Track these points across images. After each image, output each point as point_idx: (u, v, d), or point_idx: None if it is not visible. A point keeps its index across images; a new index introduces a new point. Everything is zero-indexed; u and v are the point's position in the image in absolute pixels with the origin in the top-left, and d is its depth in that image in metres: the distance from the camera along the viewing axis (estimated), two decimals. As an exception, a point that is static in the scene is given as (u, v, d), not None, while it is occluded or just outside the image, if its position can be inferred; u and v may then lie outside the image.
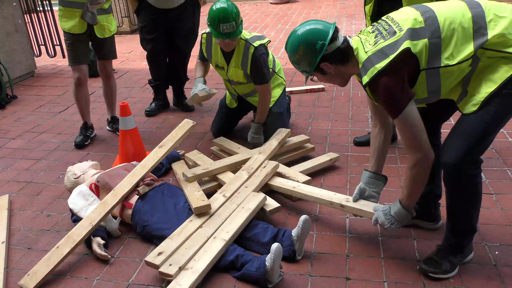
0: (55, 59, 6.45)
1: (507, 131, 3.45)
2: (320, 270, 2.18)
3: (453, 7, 1.83)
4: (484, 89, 1.78)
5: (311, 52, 1.93)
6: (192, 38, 4.16)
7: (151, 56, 4.17)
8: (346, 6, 9.33)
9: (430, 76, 1.83)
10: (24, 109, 4.66)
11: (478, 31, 1.75)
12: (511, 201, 2.61)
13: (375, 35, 1.89)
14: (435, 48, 1.78)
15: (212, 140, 3.42)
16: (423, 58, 1.79)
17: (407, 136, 1.86)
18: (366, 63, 1.86)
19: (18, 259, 2.40)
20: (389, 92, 1.81)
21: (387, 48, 1.81)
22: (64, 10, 3.42)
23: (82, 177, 2.81)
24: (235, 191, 2.59)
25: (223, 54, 3.26)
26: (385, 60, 1.80)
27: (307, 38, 1.93)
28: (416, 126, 1.84)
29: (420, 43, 1.78)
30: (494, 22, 1.75)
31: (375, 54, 1.83)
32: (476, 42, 1.75)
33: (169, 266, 2.08)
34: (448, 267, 2.06)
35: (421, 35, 1.79)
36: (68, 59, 3.58)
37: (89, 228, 2.33)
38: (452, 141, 1.87)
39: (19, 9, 5.59)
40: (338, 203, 2.37)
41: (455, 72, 1.81)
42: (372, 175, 2.29)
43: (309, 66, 1.98)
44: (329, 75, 2.02)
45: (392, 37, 1.82)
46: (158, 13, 3.88)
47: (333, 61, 1.95)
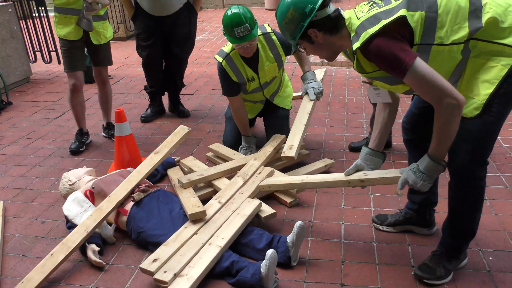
0: (50, 65, 6.45)
1: (500, 137, 3.47)
2: (315, 276, 2.18)
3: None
4: (483, 91, 1.75)
5: (300, 15, 1.87)
6: (189, 44, 4.15)
7: (147, 63, 4.17)
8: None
9: (421, 52, 1.75)
10: (19, 115, 4.66)
11: (474, 12, 1.71)
12: (505, 207, 2.62)
13: (370, 4, 1.85)
14: (431, 23, 1.72)
15: (208, 146, 3.42)
16: (417, 31, 1.73)
17: (426, 89, 1.71)
18: (359, 29, 1.78)
19: (12, 266, 2.39)
20: (388, 52, 1.70)
21: (381, 14, 1.75)
22: (60, 17, 3.43)
23: (77, 184, 2.81)
24: (230, 197, 2.59)
25: (249, 65, 3.18)
26: (378, 24, 1.72)
27: (297, 0, 1.88)
28: (431, 74, 1.69)
29: (416, 14, 1.71)
30: (489, 6, 1.72)
31: (368, 19, 1.77)
32: (471, 23, 1.70)
33: (164, 273, 2.08)
34: (443, 273, 2.06)
35: (418, 6, 1.73)
36: (64, 65, 3.58)
37: (84, 235, 2.33)
38: (459, 145, 1.84)
39: (15, 15, 5.59)
40: (356, 179, 2.17)
41: (445, 54, 1.75)
42: (370, 152, 2.20)
43: (297, 30, 1.91)
44: (317, 44, 1.94)
45: (387, 5, 1.77)
46: (154, 20, 3.88)
47: (322, 29, 1.89)
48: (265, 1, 10.58)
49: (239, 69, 3.18)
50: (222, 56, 3.17)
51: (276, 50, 3.18)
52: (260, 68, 3.19)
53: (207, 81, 5.39)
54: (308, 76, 3.25)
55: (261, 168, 2.85)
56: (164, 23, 3.89)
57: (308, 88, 3.21)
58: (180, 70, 4.25)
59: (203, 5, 11.17)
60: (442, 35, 1.73)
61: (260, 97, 3.42)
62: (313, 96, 3.17)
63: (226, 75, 3.18)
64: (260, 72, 3.21)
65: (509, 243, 2.32)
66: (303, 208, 2.73)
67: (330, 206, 2.74)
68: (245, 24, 2.92)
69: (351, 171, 2.21)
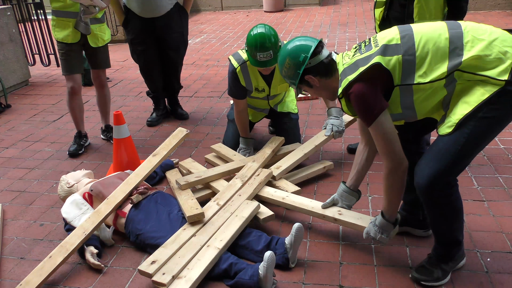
0: (49, 68, 6.45)
1: (498, 138, 3.48)
2: (313, 278, 2.18)
3: (432, 27, 1.86)
4: (459, 111, 1.79)
5: (295, 64, 2.05)
6: (182, 47, 4.12)
7: (145, 68, 4.14)
8: (339, 14, 9.41)
9: (404, 92, 1.87)
10: (18, 118, 4.66)
11: (454, 51, 1.77)
12: (503, 208, 2.63)
13: (355, 50, 1.99)
14: (409, 65, 1.82)
15: (210, 146, 3.42)
16: (396, 73, 1.84)
17: (381, 144, 1.91)
18: (342, 75, 1.96)
19: (11, 269, 2.39)
20: (361, 99, 1.86)
21: (360, 61, 1.90)
22: (57, 20, 3.44)
23: (75, 186, 2.81)
24: (229, 199, 2.59)
25: (263, 77, 3.17)
26: (356, 71, 1.88)
27: (292, 51, 2.06)
28: (389, 135, 1.88)
29: (393, 59, 1.83)
30: (471, 44, 1.76)
31: (349, 66, 1.93)
32: (451, 62, 1.77)
33: (162, 275, 2.08)
34: (440, 275, 2.07)
35: (394, 51, 1.84)
36: (62, 68, 3.59)
37: (82, 237, 2.33)
38: (425, 162, 1.89)
39: (13, 18, 5.60)
40: (331, 216, 2.36)
41: (427, 91, 1.83)
42: (347, 190, 2.37)
43: (294, 78, 2.08)
44: (315, 87, 2.10)
45: (368, 51, 1.90)
46: (145, 23, 3.84)
47: (317, 74, 2.04)
48: (263, 4, 10.59)
49: (251, 78, 3.17)
50: (238, 62, 3.12)
51: None
52: (273, 85, 3.21)
53: (206, 84, 5.39)
54: (332, 112, 3.19)
55: (260, 170, 2.86)
56: (155, 26, 3.85)
57: (328, 123, 3.17)
58: (175, 72, 4.23)
59: (201, 8, 11.19)
60: (421, 75, 1.81)
61: (265, 105, 3.44)
62: (329, 132, 3.11)
63: (236, 79, 3.17)
64: (272, 89, 3.24)
65: (506, 244, 2.32)
66: (301, 210, 2.74)
67: (328, 207, 2.74)
68: (269, 50, 2.88)
69: (327, 204, 2.41)
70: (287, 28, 8.40)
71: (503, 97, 1.73)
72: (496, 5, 8.73)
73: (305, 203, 2.51)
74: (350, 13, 9.47)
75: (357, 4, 10.52)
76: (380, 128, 1.87)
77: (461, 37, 1.79)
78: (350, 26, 8.11)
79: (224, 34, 8.29)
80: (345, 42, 6.94)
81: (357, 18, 8.82)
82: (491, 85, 1.74)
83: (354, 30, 7.71)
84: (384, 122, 1.87)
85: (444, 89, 1.82)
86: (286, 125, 3.43)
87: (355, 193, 2.37)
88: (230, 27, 8.94)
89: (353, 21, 8.56)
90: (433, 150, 1.88)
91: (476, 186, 2.86)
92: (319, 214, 2.42)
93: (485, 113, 1.76)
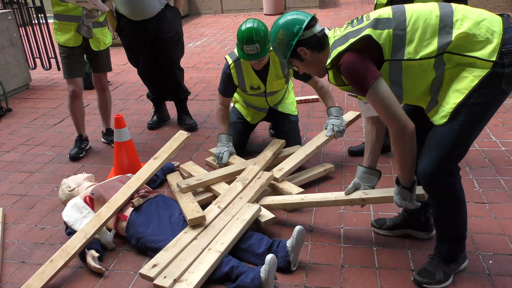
0: (50, 71, 6.46)
1: (499, 140, 3.48)
2: (315, 281, 2.18)
3: (424, 6, 1.88)
4: (452, 100, 1.81)
5: (289, 35, 2.05)
6: (179, 46, 4.01)
7: (143, 72, 4.08)
8: (339, 17, 9.42)
9: (393, 68, 1.87)
10: (19, 122, 4.66)
11: (444, 29, 1.78)
12: (504, 210, 2.63)
13: (347, 25, 2.00)
14: (399, 39, 1.83)
15: (209, 150, 3.42)
16: (386, 48, 1.84)
17: (381, 111, 1.89)
18: (332, 47, 1.96)
19: (12, 273, 2.39)
20: (353, 69, 1.86)
21: (350, 33, 1.90)
22: (59, 24, 3.44)
23: (76, 190, 2.81)
24: (230, 202, 2.59)
25: (257, 74, 3.19)
26: (347, 43, 1.88)
27: (287, 22, 2.07)
28: (388, 99, 1.85)
29: (384, 32, 1.83)
30: (461, 22, 1.78)
31: (340, 38, 1.93)
32: (440, 39, 1.78)
33: (164, 278, 2.08)
34: (442, 277, 2.06)
35: (386, 25, 1.84)
36: (63, 72, 3.60)
37: (84, 241, 2.33)
38: (425, 153, 1.91)
39: (14, 22, 5.61)
40: (358, 198, 2.31)
41: (417, 69, 1.84)
42: (366, 170, 2.33)
43: (287, 49, 2.07)
44: (307, 62, 2.10)
45: (359, 24, 1.92)
46: (138, 26, 3.77)
47: (310, 47, 2.04)
48: (263, 7, 10.61)
49: (244, 76, 3.19)
50: (232, 58, 3.19)
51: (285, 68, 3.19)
52: (269, 81, 3.22)
53: (206, 87, 5.40)
54: (332, 112, 3.20)
55: (261, 173, 2.86)
56: (148, 28, 3.77)
57: (328, 123, 3.17)
58: (175, 75, 4.06)
59: (201, 11, 11.21)
60: (411, 51, 1.82)
61: (263, 104, 3.43)
62: (330, 132, 3.11)
63: (229, 77, 3.21)
64: (268, 85, 3.24)
65: (508, 247, 2.32)
66: (302, 212, 2.73)
67: (330, 210, 2.73)
68: (255, 44, 2.91)
69: (350, 190, 2.36)
70: (288, 31, 8.40)
71: (492, 80, 1.74)
72: (496, 7, 8.75)
73: (327, 196, 2.48)
74: (350, 15, 9.48)
75: (357, 7, 10.54)
76: (377, 94, 1.85)
77: (452, 15, 1.81)
78: (350, 28, 8.11)
79: (225, 37, 8.30)
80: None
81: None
82: (479, 69, 1.75)
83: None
84: (381, 87, 1.85)
85: (433, 71, 1.83)
86: (286, 128, 3.43)
87: (375, 171, 2.33)
88: (231, 30, 8.96)
89: (353, 23, 8.57)
90: (431, 141, 1.90)
91: (477, 188, 2.86)
92: (346, 200, 2.37)
93: (475, 99, 1.77)
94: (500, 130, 3.65)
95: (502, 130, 3.66)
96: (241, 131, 3.51)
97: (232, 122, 3.47)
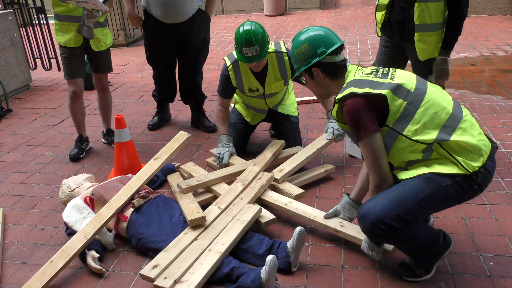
0: (50, 72, 6.47)
1: (500, 141, 3.48)
2: (315, 282, 2.17)
3: (441, 98, 1.96)
4: (425, 169, 1.90)
5: (311, 52, 2.06)
6: (204, 52, 3.95)
7: (159, 74, 4.01)
8: (340, 18, 9.43)
9: (389, 135, 1.93)
10: (19, 122, 4.66)
11: (446, 128, 1.88)
12: (505, 211, 2.62)
13: (372, 72, 2.01)
14: (407, 115, 1.89)
15: (209, 151, 3.42)
16: (393, 115, 1.89)
17: (369, 160, 1.96)
18: (348, 84, 1.98)
19: (12, 274, 2.39)
20: (356, 114, 1.90)
21: (371, 82, 1.93)
22: (60, 24, 3.44)
23: (77, 190, 2.80)
24: (230, 203, 2.59)
25: (256, 76, 3.19)
26: (363, 89, 1.91)
27: (315, 39, 2.05)
28: (379, 152, 1.93)
29: (399, 101, 1.89)
30: (462, 132, 1.89)
31: (360, 80, 1.96)
32: (440, 134, 1.87)
33: (164, 279, 2.07)
34: (423, 272, 2.12)
35: (404, 95, 1.90)
36: (64, 73, 3.59)
37: (84, 242, 2.32)
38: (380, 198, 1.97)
39: (15, 22, 5.61)
40: (333, 228, 2.37)
41: (408, 147, 1.91)
42: (350, 202, 2.38)
43: (304, 63, 2.09)
44: (316, 82, 2.13)
45: (381, 79, 1.94)
46: (167, 29, 3.70)
47: (325, 71, 2.07)
48: (264, 8, 10.62)
49: (242, 78, 3.19)
50: (231, 60, 3.18)
51: (284, 70, 3.19)
52: (267, 83, 3.22)
53: (207, 87, 5.40)
54: (331, 115, 3.19)
55: (261, 173, 2.85)
56: (177, 32, 3.71)
57: (328, 127, 3.17)
58: (196, 80, 4.01)
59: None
60: (412, 130, 1.88)
61: (262, 105, 3.43)
62: (330, 136, 3.13)
63: (228, 78, 3.21)
64: (267, 87, 3.24)
65: (509, 248, 2.31)
66: (303, 213, 2.73)
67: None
68: (255, 46, 2.90)
69: (330, 215, 2.42)
70: (288, 32, 8.42)
71: (465, 182, 1.87)
72: (496, 9, 8.74)
73: (307, 212, 2.51)
74: (351, 16, 9.49)
75: (357, 8, 10.55)
76: (371, 145, 1.92)
77: (459, 121, 1.91)
78: (351, 29, 8.12)
79: (225, 38, 8.31)
80: (346, 45, 6.94)
81: (357, 22, 8.83)
82: (459, 168, 1.87)
83: (355, 34, 7.72)
84: (376, 141, 1.92)
85: (420, 154, 1.91)
86: (286, 129, 3.43)
87: (357, 205, 2.35)
88: (231, 31, 8.96)
89: (353, 24, 8.57)
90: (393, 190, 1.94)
91: (478, 189, 2.85)
92: (321, 224, 2.42)
93: (447, 185, 1.86)
94: (501, 132, 3.65)
95: (502, 131, 3.66)
96: (242, 131, 3.51)
97: (233, 123, 3.47)
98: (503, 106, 4.15)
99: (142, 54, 6.95)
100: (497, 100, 4.32)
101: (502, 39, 6.81)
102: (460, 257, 2.27)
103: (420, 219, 1.94)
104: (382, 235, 1.91)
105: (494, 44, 6.53)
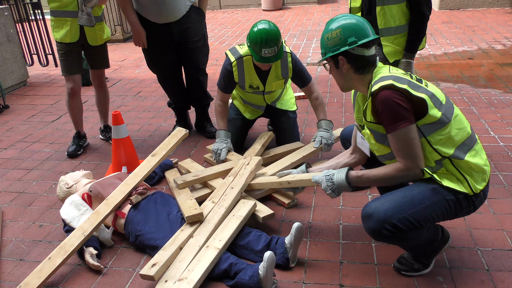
0: (47, 68, 6.44)
1: (498, 135, 3.48)
2: (314, 277, 2.17)
3: (464, 117, 2.00)
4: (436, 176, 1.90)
5: (342, 40, 1.95)
6: (204, 50, 3.73)
7: (163, 79, 3.81)
8: (338, 12, 9.39)
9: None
10: (16, 119, 4.65)
11: (463, 147, 1.90)
12: (503, 205, 2.63)
13: (405, 73, 1.95)
14: (440, 123, 1.86)
15: (206, 147, 3.41)
16: (427, 119, 1.85)
17: (404, 149, 1.87)
18: (386, 77, 1.87)
19: (10, 271, 2.38)
20: (393, 104, 1.82)
21: (409, 82, 1.87)
22: (56, 20, 3.42)
23: (74, 187, 2.80)
24: (222, 194, 2.58)
25: (258, 74, 3.16)
26: (403, 85, 1.83)
27: (348, 27, 1.95)
28: (416, 141, 1.86)
29: (436, 110, 1.86)
30: (474, 153, 1.92)
31: (399, 77, 1.88)
32: (457, 151, 1.88)
33: (165, 282, 2.07)
34: (421, 266, 2.13)
35: (438, 106, 1.87)
36: (61, 69, 3.57)
37: (82, 238, 2.32)
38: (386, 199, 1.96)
39: (11, 18, 5.58)
40: (285, 181, 2.45)
41: (425, 151, 1.89)
42: (305, 170, 2.42)
43: (332, 50, 1.99)
44: (340, 71, 2.03)
45: (418, 82, 1.90)
46: (162, 30, 3.47)
47: (351, 62, 1.97)
48: (262, 2, 10.58)
49: (245, 75, 3.18)
50: (235, 56, 3.14)
51: (286, 70, 3.17)
52: (268, 82, 3.21)
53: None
54: (322, 125, 3.16)
55: (249, 158, 2.86)
56: (173, 31, 3.49)
57: (317, 136, 3.13)
58: (200, 82, 3.78)
59: (200, 7, 11.16)
60: (436, 138, 1.87)
61: (261, 102, 3.42)
62: (318, 144, 3.08)
63: (231, 74, 3.18)
64: (267, 85, 3.23)
65: (507, 242, 2.32)
66: (301, 209, 2.73)
67: (328, 206, 2.73)
68: (274, 46, 2.88)
69: (283, 174, 2.50)
70: (286, 26, 8.39)
71: (465, 200, 1.90)
72: (494, 2, 8.72)
73: (263, 179, 2.64)
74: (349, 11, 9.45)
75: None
76: (410, 134, 1.84)
77: (474, 143, 1.95)
78: (349, 24, 8.09)
79: (223, 33, 8.28)
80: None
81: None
82: (465, 187, 1.89)
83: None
84: (413, 131, 1.85)
85: (433, 163, 1.90)
86: (284, 124, 3.42)
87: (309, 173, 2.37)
88: (229, 26, 8.93)
89: (351, 19, 8.54)
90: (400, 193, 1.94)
91: (476, 183, 2.85)
92: (277, 183, 2.52)
93: (450, 199, 1.89)
94: (499, 126, 3.65)
95: (501, 125, 3.66)
96: (240, 127, 3.50)
97: (231, 119, 3.45)
98: (501, 100, 4.14)
99: (139, 50, 6.92)
100: (495, 94, 4.32)
101: (500, 33, 6.79)
102: (458, 251, 2.28)
103: (424, 226, 1.91)
104: (388, 235, 1.87)
105: (492, 38, 6.52)
